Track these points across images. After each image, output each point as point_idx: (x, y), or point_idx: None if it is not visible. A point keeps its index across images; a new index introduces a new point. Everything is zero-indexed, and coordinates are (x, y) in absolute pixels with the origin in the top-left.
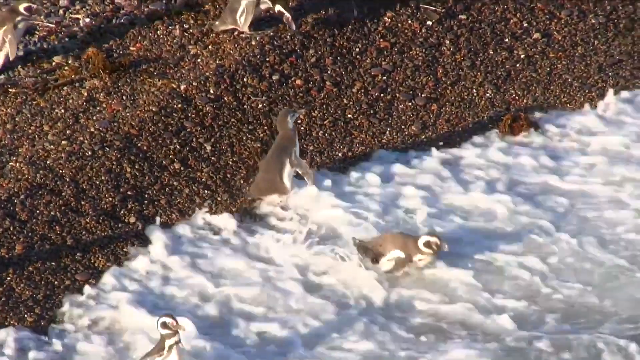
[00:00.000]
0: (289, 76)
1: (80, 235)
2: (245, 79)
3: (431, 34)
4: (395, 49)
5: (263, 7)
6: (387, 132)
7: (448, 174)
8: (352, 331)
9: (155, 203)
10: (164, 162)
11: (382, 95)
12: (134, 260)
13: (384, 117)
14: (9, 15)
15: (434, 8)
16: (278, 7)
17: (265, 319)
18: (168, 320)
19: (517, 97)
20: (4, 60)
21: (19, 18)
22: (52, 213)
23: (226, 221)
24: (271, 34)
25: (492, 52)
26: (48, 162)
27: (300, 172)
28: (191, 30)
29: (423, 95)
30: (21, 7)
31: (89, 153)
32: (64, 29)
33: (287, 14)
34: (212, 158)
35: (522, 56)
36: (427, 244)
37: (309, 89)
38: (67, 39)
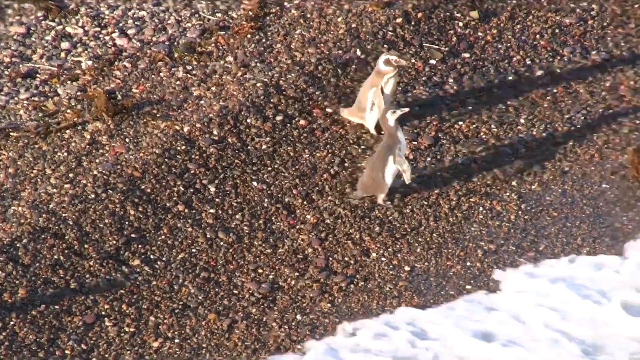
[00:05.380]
0: (292, 117)
1: (84, 278)
2: (248, 120)
3: (435, 72)
4: (399, 88)
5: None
6: None
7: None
8: None
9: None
10: (167, 204)
11: None
12: None
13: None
14: (376, 77)
15: (437, 47)
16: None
17: None
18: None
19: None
20: (375, 121)
21: (385, 77)
22: (55, 257)
23: None
24: (275, 75)
25: (495, 90)
26: (51, 205)
27: (400, 169)
28: (194, 72)
29: (430, 134)
30: (381, 65)
31: (92, 196)
32: (65, 71)
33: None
34: (217, 199)
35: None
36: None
37: (313, 130)
38: (69, 82)
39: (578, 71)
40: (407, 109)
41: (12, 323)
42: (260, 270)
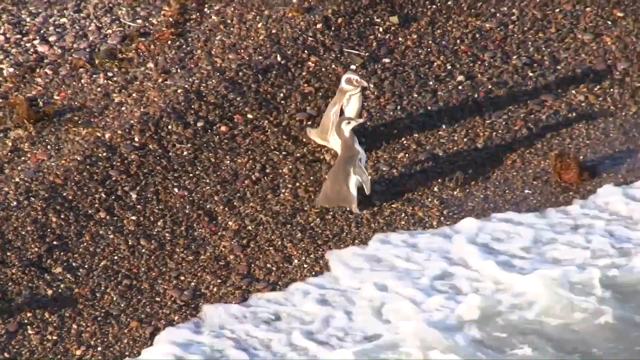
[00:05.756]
0: (213, 123)
1: (6, 286)
2: (170, 127)
3: None
4: (320, 94)
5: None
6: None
7: None
8: None
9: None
10: (89, 211)
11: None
12: None
13: (309, 163)
14: (339, 96)
15: (357, 52)
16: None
17: None
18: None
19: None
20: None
21: (347, 95)
22: None
23: None
24: (195, 81)
25: (416, 95)
26: None
27: (360, 179)
28: (115, 79)
29: None
30: (343, 83)
31: (14, 203)
32: None
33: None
34: (138, 206)
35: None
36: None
37: (234, 136)
38: None
39: (499, 76)
40: (361, 120)
41: None
42: (182, 278)
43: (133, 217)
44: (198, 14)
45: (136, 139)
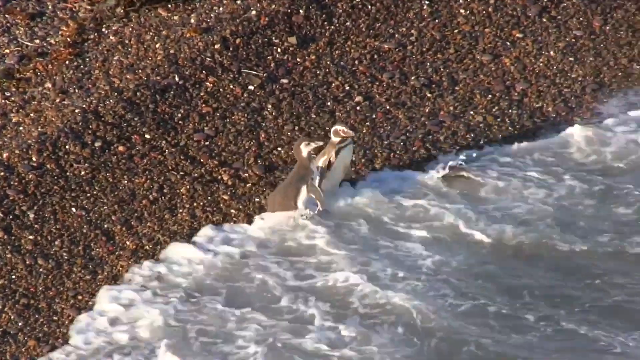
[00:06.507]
0: (111, 143)
1: None
2: (67, 146)
3: (253, 98)
4: (218, 114)
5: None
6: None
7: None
8: None
9: None
10: None
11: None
12: None
13: (206, 183)
14: (329, 148)
15: (255, 72)
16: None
17: None
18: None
19: None
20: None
21: (336, 148)
22: None
23: None
24: (93, 101)
25: (314, 116)
26: None
27: (314, 196)
28: (13, 98)
29: (249, 161)
30: (332, 137)
31: None
32: None
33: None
34: (36, 226)
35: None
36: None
37: (131, 156)
38: None
39: (397, 97)
40: (321, 143)
41: None
42: (79, 297)
43: (30, 237)
44: (96, 34)
45: (34, 159)
